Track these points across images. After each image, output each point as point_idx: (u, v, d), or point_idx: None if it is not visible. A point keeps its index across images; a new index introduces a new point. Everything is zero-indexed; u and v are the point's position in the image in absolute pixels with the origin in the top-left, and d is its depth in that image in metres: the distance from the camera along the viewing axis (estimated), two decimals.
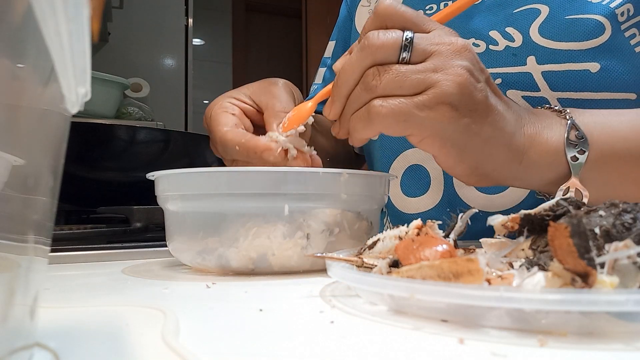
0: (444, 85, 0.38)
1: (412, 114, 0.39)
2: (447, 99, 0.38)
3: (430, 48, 0.39)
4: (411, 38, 0.39)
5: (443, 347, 0.21)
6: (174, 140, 0.85)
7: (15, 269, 0.18)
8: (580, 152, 0.43)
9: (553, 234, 0.23)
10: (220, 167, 0.41)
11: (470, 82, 0.39)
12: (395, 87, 0.39)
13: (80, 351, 0.21)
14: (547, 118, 0.45)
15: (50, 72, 0.18)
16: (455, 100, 0.38)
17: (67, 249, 0.52)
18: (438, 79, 0.38)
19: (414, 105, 0.38)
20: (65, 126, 0.21)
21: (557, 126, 0.44)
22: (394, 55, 0.39)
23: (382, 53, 0.39)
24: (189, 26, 2.56)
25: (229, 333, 0.24)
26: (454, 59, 0.39)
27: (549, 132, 0.44)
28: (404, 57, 0.39)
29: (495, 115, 0.41)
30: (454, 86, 0.38)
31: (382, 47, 0.39)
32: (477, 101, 0.39)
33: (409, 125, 0.39)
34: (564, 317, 0.22)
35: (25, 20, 0.16)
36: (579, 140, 0.44)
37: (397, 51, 0.39)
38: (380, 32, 0.39)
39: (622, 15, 0.53)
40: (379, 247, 0.34)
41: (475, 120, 0.40)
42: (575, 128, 0.44)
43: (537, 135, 0.44)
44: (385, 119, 0.39)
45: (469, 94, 0.39)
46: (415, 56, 0.39)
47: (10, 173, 0.17)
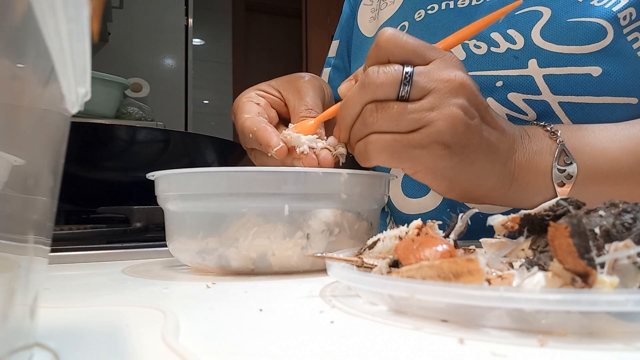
0: (437, 125, 0.40)
1: (406, 151, 0.41)
2: (439, 138, 0.40)
3: (428, 85, 0.40)
4: (411, 74, 0.40)
5: (443, 347, 0.21)
6: (174, 140, 0.85)
7: (15, 269, 0.18)
8: (567, 177, 0.46)
9: (553, 234, 0.23)
10: (220, 167, 0.41)
11: (464, 121, 0.40)
12: (392, 125, 0.40)
13: (80, 351, 0.21)
14: (538, 141, 0.47)
15: (50, 72, 0.18)
16: (447, 140, 0.40)
17: (67, 249, 0.52)
18: (432, 119, 0.40)
19: (408, 143, 0.40)
20: (65, 126, 0.21)
21: (547, 150, 0.46)
22: (393, 93, 0.40)
23: (382, 91, 0.40)
24: (189, 26, 2.56)
25: (229, 333, 0.24)
26: (450, 97, 0.40)
27: (539, 158, 0.46)
28: (402, 94, 0.40)
29: (488, 148, 0.43)
30: (447, 126, 0.40)
31: (381, 86, 0.40)
32: (470, 138, 0.41)
33: (403, 161, 0.42)
34: (564, 317, 0.22)
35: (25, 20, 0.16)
36: (567, 166, 0.46)
37: (397, 88, 0.40)
38: (380, 69, 0.40)
39: (625, 19, 0.53)
40: (379, 247, 0.34)
41: (467, 155, 0.42)
42: (565, 153, 0.46)
43: (526, 163, 0.46)
44: (380, 154, 0.41)
45: (462, 132, 0.40)
46: (415, 93, 0.40)
47: (10, 173, 0.17)
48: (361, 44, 0.72)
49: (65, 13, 0.15)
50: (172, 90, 2.49)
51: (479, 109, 0.42)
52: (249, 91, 0.53)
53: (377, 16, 0.71)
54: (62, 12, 0.15)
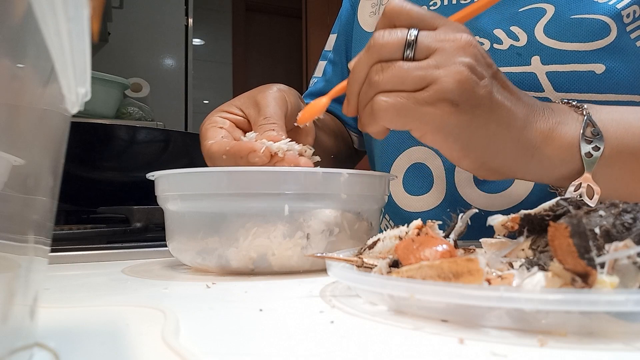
0: (444, 82, 0.39)
1: (413, 109, 0.39)
2: (446, 95, 0.39)
3: (434, 45, 0.40)
4: (416, 36, 0.40)
5: (443, 347, 0.21)
6: (174, 140, 0.85)
7: (15, 269, 0.18)
8: (595, 148, 0.43)
9: (553, 234, 0.23)
10: (220, 167, 0.41)
11: (471, 79, 0.39)
12: (398, 83, 0.40)
13: (80, 351, 0.21)
14: (563, 113, 0.45)
15: (50, 72, 0.18)
16: (455, 97, 0.39)
17: (67, 249, 0.52)
18: (439, 76, 0.39)
19: (415, 101, 0.39)
20: (65, 126, 0.21)
21: (572, 122, 0.44)
22: (398, 53, 0.40)
23: (387, 51, 0.40)
24: (189, 26, 2.56)
25: (229, 333, 0.24)
26: (456, 55, 0.39)
27: (564, 127, 0.44)
28: (407, 54, 0.40)
29: (501, 110, 0.41)
30: (454, 83, 0.39)
31: (386, 45, 0.40)
32: (479, 97, 0.40)
33: (410, 120, 0.40)
34: (564, 317, 0.22)
35: (25, 20, 0.16)
36: (594, 137, 0.44)
37: (401, 49, 0.40)
38: (386, 31, 0.41)
39: (628, 17, 0.53)
40: (379, 247, 0.34)
41: (477, 116, 0.40)
42: (591, 124, 0.44)
43: (551, 131, 0.43)
44: (387, 114, 0.40)
45: (470, 90, 0.39)
46: (419, 53, 0.40)
47: (10, 173, 0.17)
48: (361, 39, 0.72)
49: (65, 13, 0.15)
50: (172, 90, 2.49)
51: (488, 68, 0.41)
52: (212, 115, 0.52)
53: (378, 11, 0.71)
54: (62, 12, 0.15)
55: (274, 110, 0.49)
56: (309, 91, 0.80)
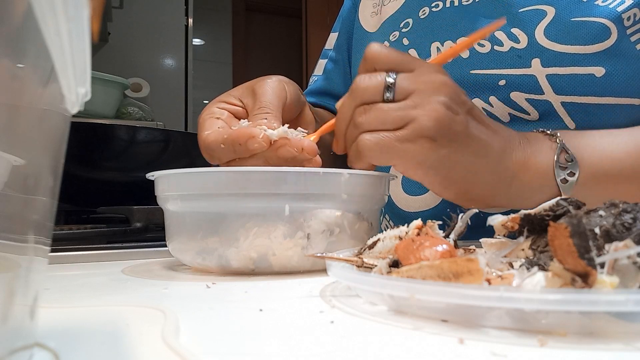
0: (422, 120, 0.42)
1: (395, 146, 0.42)
2: (425, 132, 0.42)
3: (411, 87, 0.43)
4: (394, 79, 0.43)
5: (443, 347, 0.21)
6: (174, 140, 0.85)
7: (15, 269, 0.18)
8: (570, 174, 0.46)
9: (553, 234, 0.23)
10: (220, 167, 0.41)
11: (447, 116, 0.42)
12: (379, 123, 0.43)
13: (80, 351, 0.21)
14: (537, 142, 0.47)
15: (50, 72, 0.18)
16: (432, 133, 0.42)
17: (67, 249, 0.52)
18: (417, 115, 0.42)
19: (396, 139, 0.42)
20: (65, 126, 0.21)
21: (547, 150, 0.47)
22: (378, 95, 0.43)
23: (368, 94, 0.43)
24: (189, 26, 2.56)
25: (229, 333, 0.24)
26: (432, 95, 0.42)
27: (539, 155, 0.46)
28: (387, 96, 0.43)
29: (477, 143, 0.44)
30: (431, 120, 0.42)
31: (367, 89, 0.43)
32: (456, 132, 0.43)
33: (393, 156, 0.43)
34: (564, 317, 0.22)
35: (25, 20, 0.16)
36: (568, 163, 0.46)
37: (381, 92, 0.43)
38: (367, 76, 0.44)
39: (629, 20, 0.52)
40: (379, 247, 0.34)
41: (455, 149, 0.43)
42: (565, 151, 0.47)
43: (526, 160, 0.46)
44: (371, 152, 0.43)
45: (446, 126, 0.42)
46: (398, 95, 0.43)
47: (10, 173, 0.17)
48: (362, 39, 0.72)
49: (65, 13, 0.15)
50: (172, 90, 2.49)
51: (463, 105, 0.44)
52: (210, 106, 0.51)
53: (379, 11, 0.71)
54: (62, 12, 0.15)
55: (270, 99, 0.49)
56: (309, 89, 0.80)
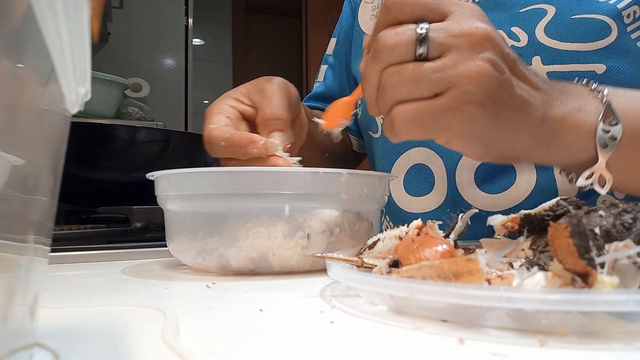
0: (466, 84, 0.36)
1: (436, 118, 0.37)
2: (472, 97, 0.36)
3: (448, 41, 0.36)
4: (426, 31, 0.36)
5: (443, 347, 0.21)
6: (174, 140, 0.85)
7: (15, 269, 0.18)
8: (611, 138, 0.41)
9: (553, 234, 0.23)
10: (220, 167, 0.41)
11: (495, 77, 0.36)
12: (414, 89, 0.36)
13: (80, 351, 0.21)
14: (581, 97, 0.42)
15: (50, 72, 0.18)
16: (480, 99, 0.36)
17: (67, 249, 0.52)
18: (459, 77, 0.36)
19: (437, 110, 0.36)
20: (65, 126, 0.21)
21: (591, 108, 0.42)
22: (409, 54, 0.36)
23: (397, 54, 0.37)
24: (189, 26, 2.56)
25: (229, 333, 0.24)
26: (475, 51, 0.36)
27: (583, 115, 0.41)
28: (420, 53, 0.36)
29: (521, 104, 0.39)
30: (477, 84, 0.36)
31: (395, 48, 0.36)
32: (503, 95, 0.37)
33: (434, 131, 0.38)
34: (564, 317, 0.22)
35: (25, 20, 0.16)
36: (612, 127, 0.41)
37: (413, 48, 0.36)
38: (392, 30, 0.37)
39: (629, 17, 0.53)
40: (379, 247, 0.34)
41: (502, 114, 0.38)
42: (611, 113, 0.42)
43: (568, 119, 0.41)
44: (409, 128, 0.37)
45: (494, 89, 0.36)
46: (433, 51, 0.36)
47: (10, 173, 0.17)
48: (362, 42, 0.72)
49: (65, 13, 0.15)
50: (172, 90, 2.49)
51: (508, 61, 0.38)
52: (220, 102, 0.51)
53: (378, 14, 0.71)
54: (62, 12, 0.15)
55: (280, 102, 0.49)
56: (311, 94, 0.80)
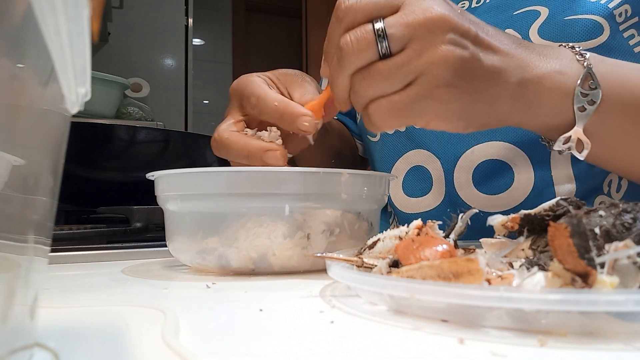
0: (433, 70, 0.37)
1: (410, 107, 0.38)
2: (440, 81, 0.37)
3: (406, 33, 0.37)
4: (383, 27, 0.37)
5: (443, 347, 0.21)
6: (174, 140, 0.85)
7: (15, 269, 0.18)
8: (589, 102, 0.41)
9: (553, 234, 0.23)
10: (220, 167, 0.41)
11: (459, 56, 0.37)
12: (385, 87, 0.38)
13: (80, 351, 0.21)
14: (563, 60, 0.43)
15: (50, 72, 0.18)
16: (450, 80, 0.37)
17: (67, 249, 0.52)
18: (425, 65, 0.37)
19: (410, 99, 0.38)
20: (65, 126, 0.21)
21: (571, 71, 0.42)
22: (374, 54, 0.37)
23: (362, 57, 0.38)
24: (189, 26, 2.56)
25: (229, 333, 0.24)
26: (434, 35, 0.37)
27: (562, 77, 0.42)
28: (384, 51, 0.37)
29: (494, 73, 0.39)
30: (443, 67, 0.36)
31: (358, 52, 0.37)
32: (472, 70, 0.38)
33: (411, 117, 0.39)
34: (564, 317, 0.22)
35: (25, 20, 0.16)
36: (591, 91, 0.41)
37: (375, 48, 0.37)
38: (350, 35, 0.38)
39: (620, 16, 0.53)
40: (379, 247, 0.34)
41: (476, 88, 0.38)
42: (590, 77, 0.42)
43: (546, 80, 0.41)
44: (387, 121, 0.39)
45: (461, 67, 0.37)
46: (395, 45, 0.37)
47: (10, 173, 0.17)
48: None
49: (65, 13, 0.15)
50: (172, 90, 2.49)
51: (469, 37, 0.38)
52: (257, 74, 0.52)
53: None
54: (62, 12, 0.15)
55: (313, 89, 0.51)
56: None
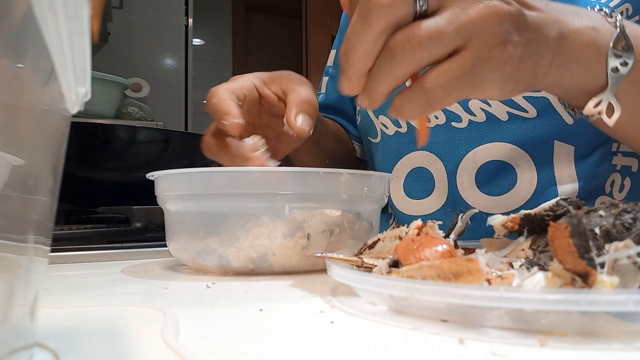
0: (486, 27, 0.33)
1: (470, 75, 0.34)
2: (496, 40, 0.33)
3: None
4: None
5: (443, 347, 0.21)
6: (174, 140, 0.85)
7: (15, 269, 0.18)
8: (623, 64, 0.40)
9: (553, 234, 0.23)
10: (220, 167, 0.41)
11: (506, 10, 0.34)
12: (435, 49, 0.33)
13: (80, 351, 0.21)
14: (595, 19, 0.41)
15: (50, 72, 0.18)
16: (505, 38, 0.34)
17: (67, 249, 0.52)
18: (476, 23, 0.33)
19: (470, 65, 0.33)
20: (65, 126, 0.21)
21: (605, 29, 0.40)
22: (409, 7, 0.33)
23: (395, 12, 0.33)
24: (189, 26, 2.56)
25: (229, 333, 0.24)
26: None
27: (596, 33, 0.40)
28: (421, 5, 0.33)
29: (536, 27, 0.37)
30: (496, 24, 0.33)
31: (392, 5, 0.32)
32: (520, 25, 0.35)
33: (471, 88, 0.35)
34: (564, 317, 0.22)
35: (25, 20, 0.16)
36: (624, 52, 0.40)
37: (412, 2, 0.33)
38: None
39: (622, 15, 0.53)
40: (379, 247, 0.34)
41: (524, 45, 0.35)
42: (624, 38, 0.40)
43: (583, 35, 0.39)
44: (449, 95, 0.34)
45: (512, 22, 0.34)
46: (433, 2, 0.33)
47: (10, 173, 0.17)
48: None
49: (65, 13, 0.15)
50: (172, 90, 2.49)
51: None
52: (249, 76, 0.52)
53: None
54: (62, 12, 0.15)
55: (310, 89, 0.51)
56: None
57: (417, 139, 0.40)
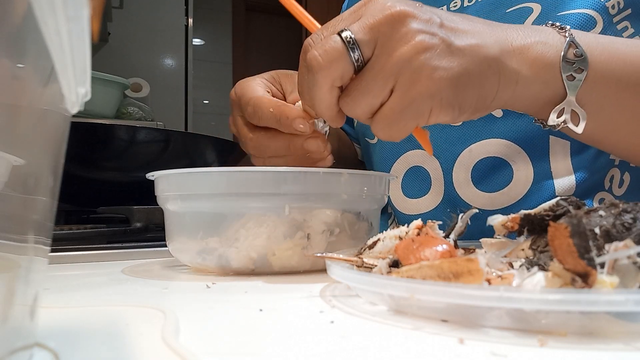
0: (410, 65, 0.36)
1: (408, 110, 0.37)
2: (421, 73, 0.36)
3: (372, 35, 0.37)
4: (350, 35, 0.37)
5: (443, 347, 0.21)
6: (174, 140, 0.85)
7: (15, 269, 0.18)
8: (577, 70, 0.41)
9: (553, 234, 0.23)
10: (220, 167, 0.41)
11: (429, 43, 0.36)
12: (372, 100, 0.38)
13: (80, 351, 0.21)
14: (544, 33, 0.42)
15: (50, 72, 0.18)
16: (430, 69, 0.36)
17: (67, 249, 0.52)
18: (400, 63, 0.36)
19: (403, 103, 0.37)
20: (65, 126, 0.21)
21: (554, 42, 0.42)
22: (347, 64, 0.37)
23: (335, 69, 0.37)
24: (189, 26, 2.56)
25: (229, 333, 0.24)
26: (398, 31, 0.36)
27: (544, 46, 0.41)
28: (356, 57, 0.37)
29: (471, 50, 0.38)
30: (418, 57, 0.36)
31: (330, 64, 0.37)
32: (447, 52, 0.37)
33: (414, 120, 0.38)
34: (564, 317, 0.22)
35: (25, 20, 0.16)
36: (577, 59, 0.41)
37: (347, 57, 0.37)
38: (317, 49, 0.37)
39: (613, 9, 0.53)
40: (379, 247, 0.34)
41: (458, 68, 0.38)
42: (574, 45, 0.42)
43: (529, 50, 0.41)
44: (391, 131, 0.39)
45: (436, 53, 0.37)
46: (366, 50, 0.37)
47: (10, 173, 0.17)
48: None
49: (65, 13, 0.15)
50: (172, 90, 2.49)
51: (433, 24, 0.38)
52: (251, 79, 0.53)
53: None
54: (62, 12, 0.15)
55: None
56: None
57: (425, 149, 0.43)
